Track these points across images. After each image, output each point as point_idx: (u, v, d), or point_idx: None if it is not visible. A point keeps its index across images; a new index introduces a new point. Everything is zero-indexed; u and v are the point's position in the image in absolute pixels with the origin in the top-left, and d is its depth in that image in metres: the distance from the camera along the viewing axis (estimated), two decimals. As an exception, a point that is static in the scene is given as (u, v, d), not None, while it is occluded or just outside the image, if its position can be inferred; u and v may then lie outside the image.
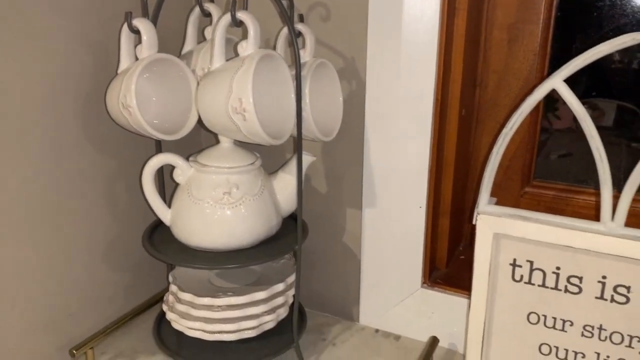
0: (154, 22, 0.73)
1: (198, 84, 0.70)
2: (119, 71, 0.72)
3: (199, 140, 0.95)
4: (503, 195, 0.91)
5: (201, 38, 0.78)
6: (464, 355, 0.73)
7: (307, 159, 0.77)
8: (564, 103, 0.61)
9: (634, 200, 0.83)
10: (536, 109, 0.87)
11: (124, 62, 0.71)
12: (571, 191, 0.88)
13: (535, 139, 0.89)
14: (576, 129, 0.88)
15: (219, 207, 0.72)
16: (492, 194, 0.69)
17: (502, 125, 0.66)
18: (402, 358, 0.83)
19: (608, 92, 0.85)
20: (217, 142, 0.76)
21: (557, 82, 0.61)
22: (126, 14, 0.68)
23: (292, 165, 0.77)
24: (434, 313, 0.86)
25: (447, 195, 0.87)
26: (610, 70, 0.83)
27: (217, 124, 0.65)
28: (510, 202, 0.91)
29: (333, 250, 0.92)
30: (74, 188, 0.76)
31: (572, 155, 0.91)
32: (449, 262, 0.91)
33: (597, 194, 0.86)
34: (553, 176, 0.90)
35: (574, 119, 0.61)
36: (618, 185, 0.63)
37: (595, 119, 0.87)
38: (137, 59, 0.70)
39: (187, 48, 0.78)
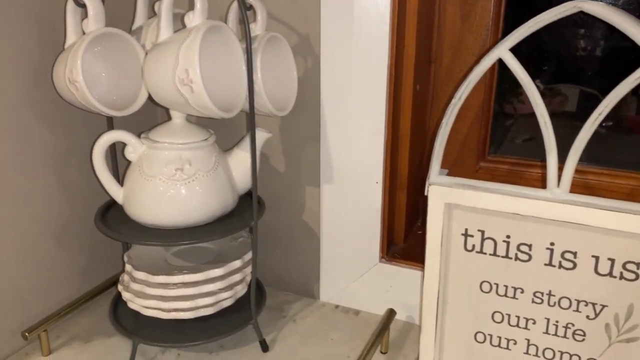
0: (102, -4, 0.72)
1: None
2: (65, 46, 0.70)
3: (155, 117, 0.93)
4: (459, 171, 0.92)
5: (151, 13, 0.77)
6: (420, 327, 0.74)
7: (262, 135, 0.77)
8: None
9: (582, 171, 0.86)
10: (489, 84, 0.88)
11: (71, 37, 0.70)
12: (524, 165, 0.90)
13: (489, 114, 0.90)
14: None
15: (171, 183, 0.71)
16: (449, 171, 0.70)
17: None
18: (360, 331, 0.84)
19: (572, 79, 0.87)
20: (170, 118, 0.75)
21: (503, 51, 0.62)
22: (70, -14, 0.67)
23: (247, 141, 0.76)
24: (392, 287, 0.87)
25: (404, 171, 0.88)
26: (575, 57, 0.85)
27: (165, 97, 0.64)
28: (466, 177, 0.92)
29: (292, 229, 0.92)
30: (23, 167, 0.74)
31: (535, 139, 0.93)
32: (406, 237, 0.92)
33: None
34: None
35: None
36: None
37: (559, 104, 0.89)
38: (84, 33, 0.68)
39: (137, 23, 0.77)
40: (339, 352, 0.79)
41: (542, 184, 0.88)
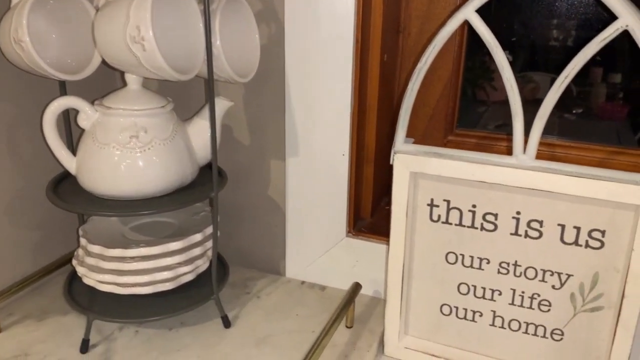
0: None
1: (98, 17, 0.65)
2: (11, 4, 0.66)
3: (113, 85, 0.89)
4: (427, 144, 0.90)
5: (106, -26, 0.73)
6: (385, 300, 0.72)
7: (223, 103, 0.74)
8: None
9: (549, 144, 0.85)
10: (458, 56, 0.87)
11: (17, -6, 0.66)
12: (492, 138, 0.89)
13: (458, 87, 0.88)
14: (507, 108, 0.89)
15: (126, 152, 0.67)
16: (417, 143, 0.68)
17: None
18: (326, 306, 0.82)
19: (545, 67, 0.86)
20: (126, 85, 0.72)
21: (469, 12, 0.60)
22: (15, -61, 0.63)
23: (207, 110, 0.73)
24: (358, 262, 0.85)
25: (371, 143, 0.86)
26: (547, 47, 0.84)
27: (116, 57, 0.61)
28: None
29: (257, 204, 0.89)
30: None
31: (508, 125, 0.92)
32: (373, 212, 0.91)
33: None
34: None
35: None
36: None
37: (531, 91, 0.88)
38: (31, -9, 0.64)
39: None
40: (304, 327, 0.77)
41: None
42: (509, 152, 0.82)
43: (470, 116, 0.92)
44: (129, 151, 0.67)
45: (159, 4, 0.58)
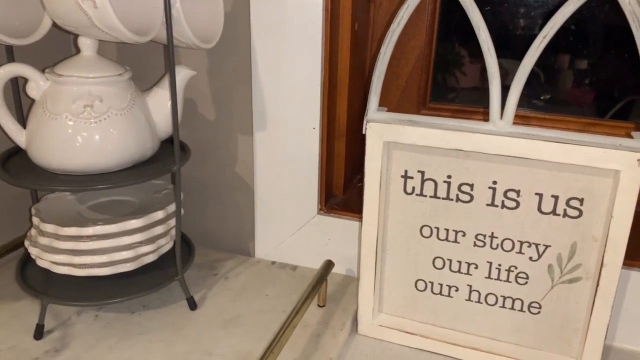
0: None
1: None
2: (-52, -38, 0.60)
3: (67, 51, 0.83)
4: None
5: None
6: (358, 278, 0.69)
7: (185, 72, 0.69)
8: (470, 61, 0.55)
9: (524, 116, 0.83)
10: (431, 26, 0.84)
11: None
12: (467, 112, 0.87)
13: (431, 58, 0.86)
14: (482, 88, 0.87)
15: (80, 122, 0.63)
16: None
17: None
18: (297, 286, 0.79)
19: (512, 55, 0.84)
20: (79, 52, 0.67)
21: (443, -30, 0.57)
22: None
23: (168, 79, 0.69)
24: (330, 240, 0.82)
25: (342, 116, 0.82)
26: (514, 35, 0.82)
27: (65, 17, 0.56)
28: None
29: (224, 181, 0.85)
30: None
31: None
32: (346, 188, 0.88)
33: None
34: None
35: (480, 76, 0.58)
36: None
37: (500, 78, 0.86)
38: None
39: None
40: (274, 307, 0.74)
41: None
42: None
43: (448, 85, 0.90)
44: (83, 122, 0.63)
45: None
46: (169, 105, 0.69)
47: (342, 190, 0.87)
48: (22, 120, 0.71)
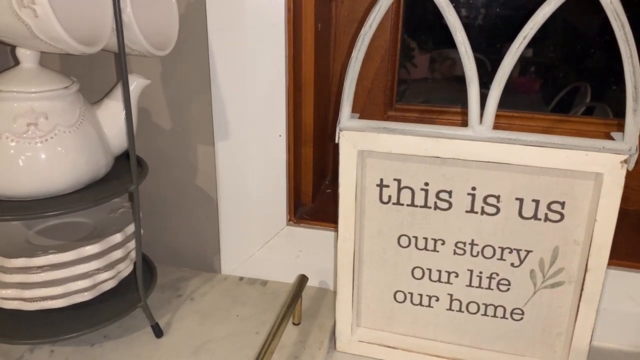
0: None
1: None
2: None
3: (4, 63, 0.76)
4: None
5: None
6: (335, 291, 0.66)
7: (138, 81, 0.64)
8: (420, 53, 0.53)
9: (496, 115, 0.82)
10: (395, 25, 0.81)
11: None
12: (434, 112, 0.84)
13: (396, 59, 0.83)
14: (431, 79, 0.86)
15: (24, 143, 0.57)
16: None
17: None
18: (269, 303, 0.75)
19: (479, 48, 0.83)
20: (19, 63, 0.60)
21: (416, -32, 0.53)
22: None
23: (120, 90, 0.63)
24: (301, 251, 0.78)
25: (309, 122, 0.79)
26: (484, 27, 0.81)
27: (1, 27, 0.50)
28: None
29: (185, 195, 0.80)
30: None
31: (430, 101, 0.88)
32: (315, 196, 0.84)
33: (461, 113, 0.84)
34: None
35: (429, 68, 0.55)
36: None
37: (449, 68, 0.85)
38: None
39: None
40: (246, 328, 0.70)
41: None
42: (453, 125, 0.78)
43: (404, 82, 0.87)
44: (27, 142, 0.57)
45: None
46: (122, 118, 0.63)
47: (311, 198, 0.83)
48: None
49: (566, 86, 0.82)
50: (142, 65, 0.73)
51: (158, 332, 0.68)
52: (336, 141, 0.61)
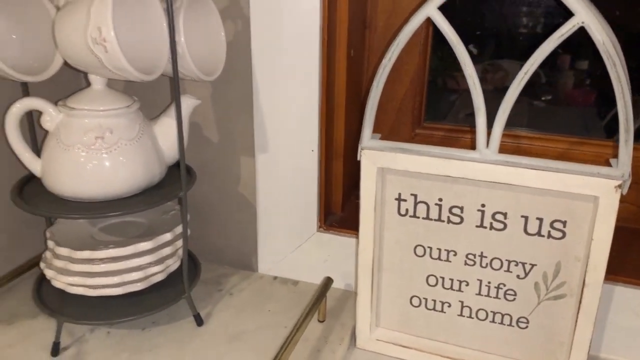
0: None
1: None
2: (-33, 5, 0.64)
3: (79, 83, 0.88)
4: (395, 138, 0.91)
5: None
6: (356, 294, 0.73)
7: (190, 101, 0.73)
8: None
9: (515, 136, 0.87)
10: (424, 49, 0.87)
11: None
12: (460, 131, 0.90)
13: (424, 80, 0.89)
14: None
15: (92, 153, 0.67)
16: (386, 138, 0.68)
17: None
18: (298, 301, 0.83)
19: (515, 55, 0.87)
20: (89, 85, 0.71)
21: (431, 9, 0.60)
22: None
23: (174, 109, 0.73)
24: (330, 256, 0.86)
25: (340, 138, 0.86)
26: (517, 34, 0.85)
27: (77, 58, 0.60)
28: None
29: (228, 200, 0.89)
30: None
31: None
32: (344, 206, 0.91)
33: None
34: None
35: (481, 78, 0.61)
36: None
37: (501, 80, 0.89)
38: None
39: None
40: (276, 322, 0.78)
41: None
42: (474, 144, 0.84)
43: (442, 105, 0.93)
44: (95, 152, 0.67)
45: (120, 3, 0.57)
46: (175, 133, 0.73)
47: (340, 207, 0.91)
48: (36, 150, 0.76)
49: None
50: (194, 85, 0.83)
51: (199, 321, 0.77)
52: (358, 159, 0.68)
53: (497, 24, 0.86)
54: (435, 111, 0.92)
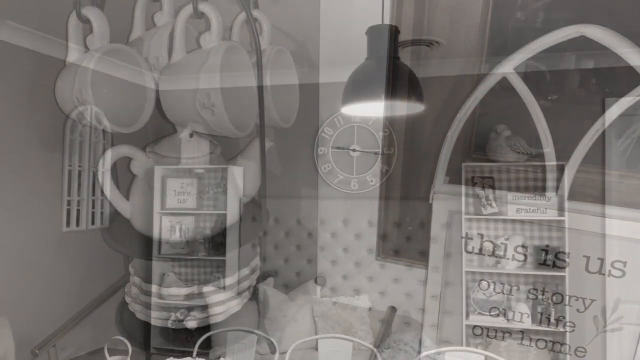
0: (101, 7, 0.70)
1: (154, 74, 0.68)
2: (67, 61, 0.68)
3: (145, 131, 0.92)
4: (449, 167, 0.96)
5: (150, 24, 0.75)
6: (423, 312, 0.79)
7: (268, 144, 0.78)
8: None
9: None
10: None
11: (73, 52, 0.68)
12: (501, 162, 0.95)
13: (474, 122, 0.94)
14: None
15: (181, 197, 0.71)
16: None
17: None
18: (358, 322, 0.88)
19: None
20: (174, 131, 0.75)
21: (507, 69, 0.65)
22: (75, 1, 0.65)
23: (250, 151, 0.78)
24: (387, 283, 0.91)
25: (397, 180, 0.91)
26: None
27: (182, 118, 0.65)
28: (452, 172, 0.97)
29: (296, 232, 0.94)
30: (21, 179, 0.72)
31: None
32: (399, 238, 0.96)
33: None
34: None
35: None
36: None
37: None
38: (87, 49, 0.67)
39: (135, 34, 0.75)
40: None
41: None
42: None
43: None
44: (184, 197, 0.71)
45: (225, 69, 0.61)
46: (252, 174, 0.77)
47: (396, 239, 0.96)
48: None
49: None
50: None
51: (272, 348, 0.82)
52: (430, 201, 0.73)
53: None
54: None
